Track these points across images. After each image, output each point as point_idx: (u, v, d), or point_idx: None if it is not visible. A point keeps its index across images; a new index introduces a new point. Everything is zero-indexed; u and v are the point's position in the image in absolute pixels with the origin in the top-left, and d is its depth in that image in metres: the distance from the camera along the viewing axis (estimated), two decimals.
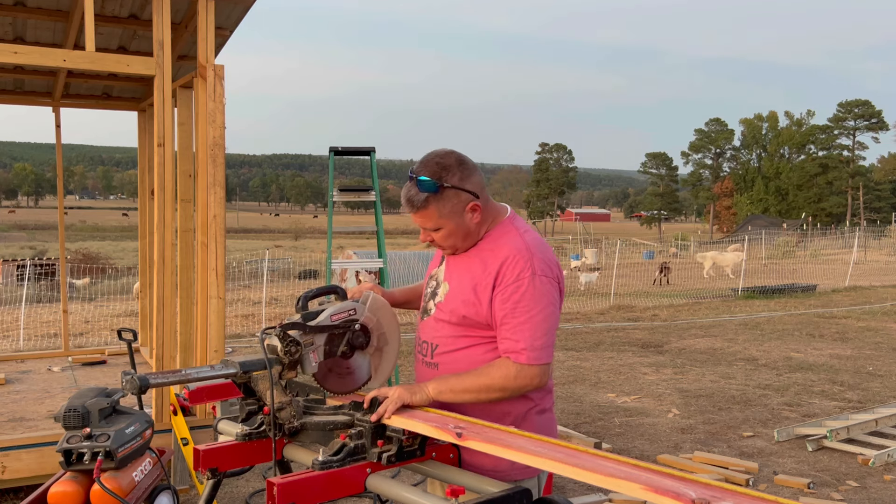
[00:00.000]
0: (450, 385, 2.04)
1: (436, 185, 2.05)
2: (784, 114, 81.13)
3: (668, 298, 16.94)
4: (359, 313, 2.14)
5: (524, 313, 2.02)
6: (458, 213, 2.09)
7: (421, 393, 2.03)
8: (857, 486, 4.86)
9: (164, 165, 4.22)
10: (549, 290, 2.06)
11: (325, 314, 2.07)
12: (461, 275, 2.17)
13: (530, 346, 2.01)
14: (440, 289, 2.23)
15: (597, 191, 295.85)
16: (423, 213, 2.10)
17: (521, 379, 2.01)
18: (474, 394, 2.02)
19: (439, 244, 2.18)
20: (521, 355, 2.01)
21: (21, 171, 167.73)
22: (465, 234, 2.13)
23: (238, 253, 23.60)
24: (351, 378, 2.16)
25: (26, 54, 4.03)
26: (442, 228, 2.11)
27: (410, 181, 2.09)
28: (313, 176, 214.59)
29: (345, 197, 6.73)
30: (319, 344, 2.04)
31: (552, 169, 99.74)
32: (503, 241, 2.12)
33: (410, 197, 2.09)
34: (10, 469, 4.09)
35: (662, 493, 1.39)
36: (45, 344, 10.86)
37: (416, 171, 2.08)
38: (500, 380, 2.01)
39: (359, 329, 2.13)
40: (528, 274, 2.03)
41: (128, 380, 1.81)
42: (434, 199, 2.06)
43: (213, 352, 4.32)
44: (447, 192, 2.06)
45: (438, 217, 2.09)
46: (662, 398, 7.22)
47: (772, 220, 54.45)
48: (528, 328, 2.01)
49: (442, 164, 2.07)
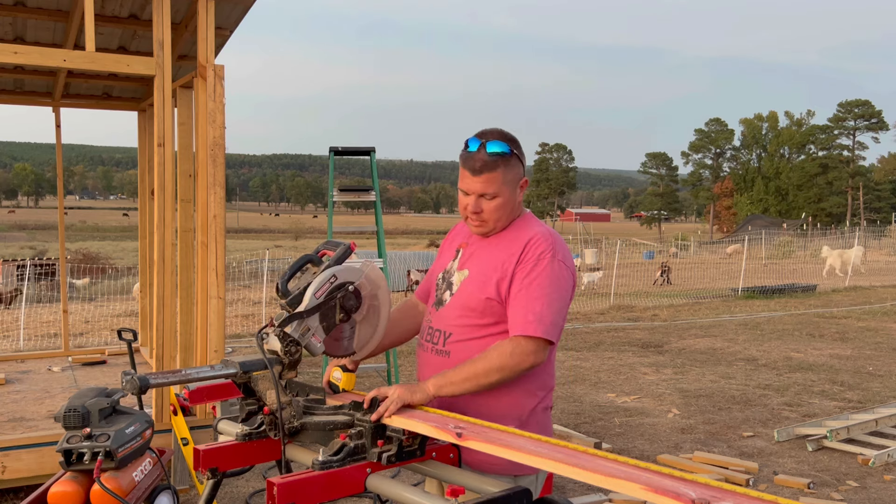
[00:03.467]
0: (448, 378, 2.04)
1: (508, 149, 2.10)
2: (784, 114, 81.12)
3: (668, 298, 16.94)
4: (342, 277, 2.09)
5: (539, 289, 2.05)
6: (515, 184, 2.15)
7: (421, 392, 2.02)
8: (857, 486, 4.86)
9: (164, 165, 4.22)
10: (567, 277, 2.10)
11: (308, 293, 2.03)
12: (482, 261, 2.19)
13: (538, 318, 2.02)
14: (455, 277, 2.24)
15: (597, 191, 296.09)
16: (489, 177, 2.10)
17: (518, 356, 2.01)
18: (474, 381, 2.02)
19: (487, 216, 2.15)
20: (528, 327, 2.02)
21: (21, 171, 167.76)
22: (511, 210, 2.17)
23: (238, 253, 23.58)
24: (339, 344, 2.15)
25: (26, 54, 4.03)
26: (498, 197, 2.12)
27: (471, 150, 2.11)
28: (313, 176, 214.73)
29: (345, 197, 6.73)
30: (315, 325, 2.03)
31: (552, 169, 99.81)
32: (526, 227, 2.18)
33: (482, 158, 2.09)
34: (10, 469, 4.09)
35: (662, 493, 1.39)
36: (45, 344, 10.85)
37: (484, 137, 2.12)
38: (497, 359, 2.01)
39: (351, 291, 2.09)
40: (549, 255, 2.08)
41: (128, 380, 1.81)
42: (503, 163, 2.10)
43: (213, 352, 4.32)
44: (514, 159, 2.13)
45: (502, 183, 2.11)
46: (662, 398, 7.22)
47: (772, 220, 54.40)
48: (541, 304, 2.04)
49: (506, 135, 2.14)
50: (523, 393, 2.15)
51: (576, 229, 46.30)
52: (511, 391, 2.12)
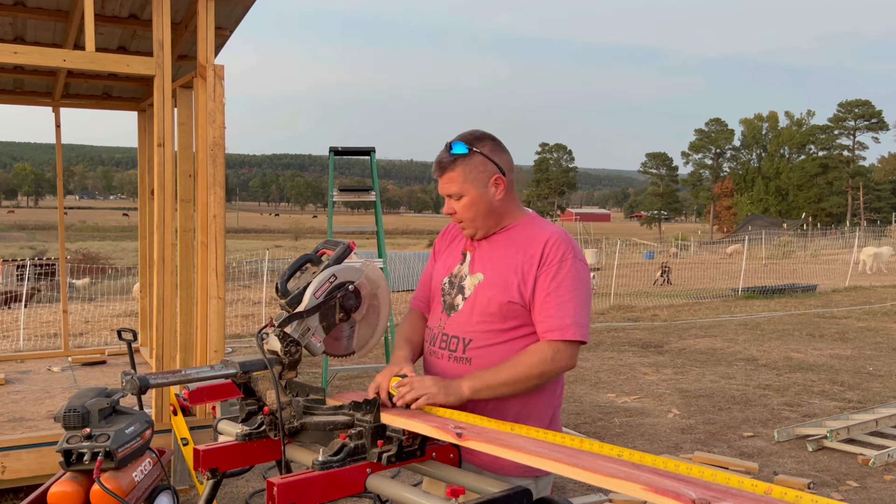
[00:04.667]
0: (485, 382, 2.01)
1: (466, 147, 2.11)
2: (784, 114, 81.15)
3: (668, 298, 16.94)
4: (341, 277, 2.09)
5: (568, 292, 2.05)
6: (482, 183, 2.12)
7: (455, 395, 1.99)
8: (858, 486, 4.86)
9: (164, 165, 4.22)
10: (588, 277, 2.12)
11: (308, 293, 2.03)
12: (496, 264, 2.16)
13: (575, 322, 2.02)
14: (468, 281, 2.20)
15: (597, 191, 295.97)
16: (449, 176, 2.12)
17: (559, 360, 2.02)
18: (511, 386, 2.01)
19: (460, 216, 2.17)
20: (566, 331, 2.02)
21: (21, 171, 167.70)
22: (488, 210, 2.15)
23: (238, 253, 23.58)
24: (339, 343, 2.16)
25: (26, 54, 4.03)
26: (465, 196, 2.13)
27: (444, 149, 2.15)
28: (313, 176, 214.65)
29: (345, 197, 6.74)
30: (315, 325, 2.03)
31: (552, 169, 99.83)
32: (538, 227, 2.17)
33: (440, 158, 2.14)
34: (10, 469, 4.09)
35: (662, 493, 1.39)
36: (45, 344, 10.85)
37: (455, 139, 2.15)
38: (538, 365, 2.01)
39: (351, 290, 2.10)
40: (571, 255, 2.09)
41: (128, 380, 1.81)
42: (462, 162, 2.11)
43: (213, 352, 4.32)
44: (475, 157, 2.11)
45: (463, 181, 2.11)
46: (662, 398, 7.22)
47: (772, 220, 54.40)
48: (574, 306, 2.04)
49: (476, 134, 2.15)
50: (550, 393, 2.17)
51: (576, 229, 46.29)
52: (542, 392, 2.13)
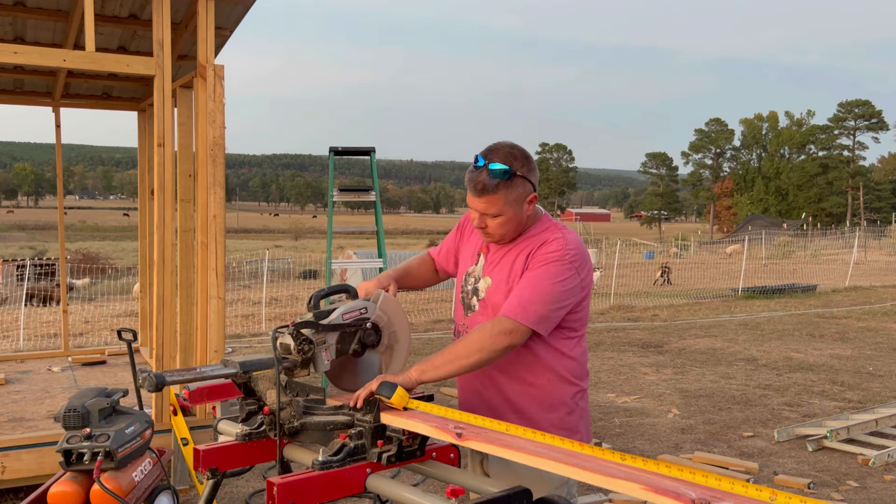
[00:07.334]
0: (431, 363, 2.07)
1: (509, 171, 2.10)
2: (784, 114, 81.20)
3: (668, 298, 16.94)
4: (370, 312, 2.16)
5: (533, 281, 2.10)
6: (519, 203, 2.16)
7: (404, 376, 2.06)
8: (858, 487, 4.86)
9: (164, 165, 4.22)
10: (570, 278, 2.11)
11: (336, 313, 2.09)
12: (502, 269, 2.22)
13: (522, 304, 2.06)
14: (481, 283, 2.28)
15: (597, 191, 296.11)
16: (490, 199, 2.13)
17: (496, 335, 2.04)
18: (455, 363, 2.05)
19: (492, 231, 2.21)
20: (510, 309, 2.06)
21: (21, 171, 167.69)
22: (518, 225, 2.20)
23: (238, 253, 23.56)
24: (364, 376, 2.17)
25: (26, 54, 4.03)
26: (502, 216, 2.16)
27: (476, 169, 2.13)
28: (313, 176, 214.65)
29: (345, 197, 6.74)
30: (331, 342, 2.07)
31: (552, 169, 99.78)
32: (542, 234, 2.21)
33: (482, 181, 2.12)
34: (10, 469, 4.09)
35: (662, 493, 1.39)
36: (45, 344, 10.85)
37: (487, 157, 2.13)
38: (477, 340, 2.05)
39: (370, 327, 2.15)
40: (555, 257, 2.11)
41: (145, 377, 1.84)
42: (504, 186, 2.12)
43: (213, 352, 4.32)
44: (517, 179, 2.13)
45: (504, 203, 2.14)
46: (662, 398, 7.22)
47: (772, 220, 54.44)
48: (530, 292, 2.08)
49: (512, 153, 2.14)
50: (561, 381, 2.22)
51: (576, 229, 46.27)
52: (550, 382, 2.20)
